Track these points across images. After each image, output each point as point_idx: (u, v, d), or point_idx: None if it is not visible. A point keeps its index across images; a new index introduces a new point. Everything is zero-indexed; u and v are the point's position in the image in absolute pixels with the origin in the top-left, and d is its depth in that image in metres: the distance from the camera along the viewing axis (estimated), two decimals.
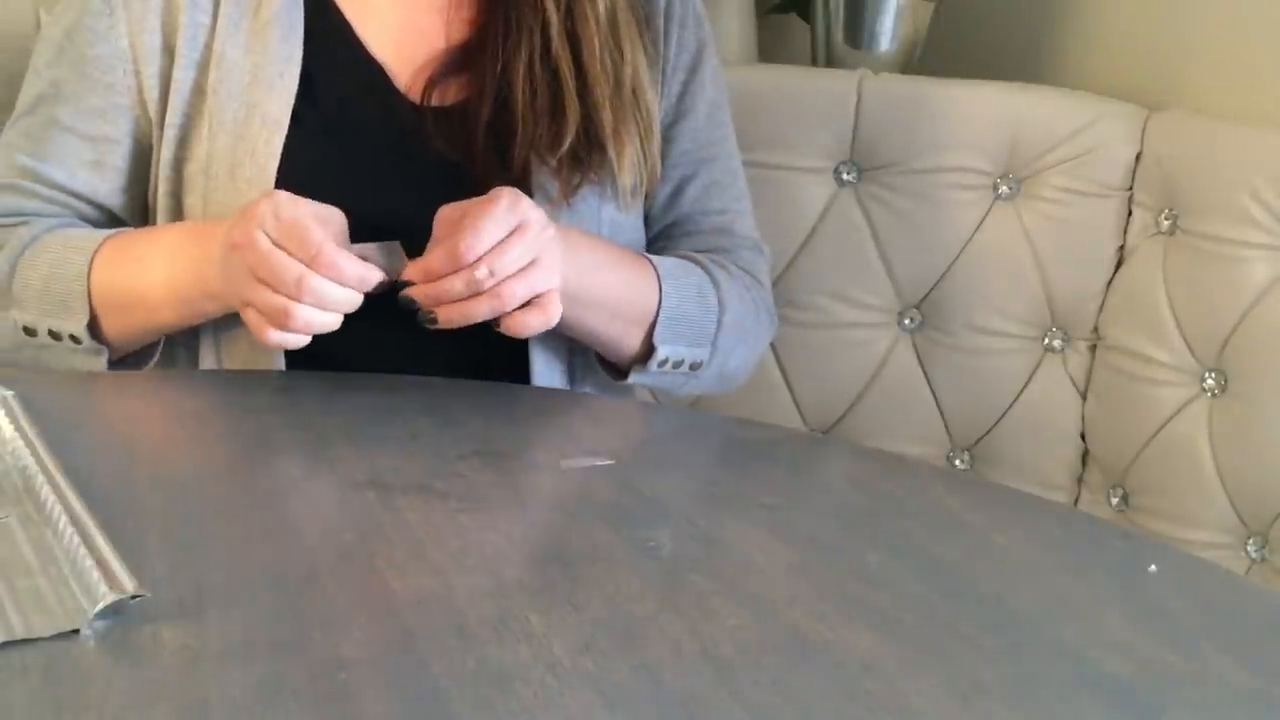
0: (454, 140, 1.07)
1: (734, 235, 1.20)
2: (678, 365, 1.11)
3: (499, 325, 0.97)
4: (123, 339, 1.05)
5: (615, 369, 1.12)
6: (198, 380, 1.01)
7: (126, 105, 1.07)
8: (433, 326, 0.96)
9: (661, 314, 1.08)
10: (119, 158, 1.08)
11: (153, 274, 1.02)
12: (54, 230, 1.06)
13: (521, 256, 0.94)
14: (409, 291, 0.95)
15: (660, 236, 1.19)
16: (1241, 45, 1.42)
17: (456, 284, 0.94)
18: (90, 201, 1.09)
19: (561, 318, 0.99)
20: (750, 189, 1.25)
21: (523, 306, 0.96)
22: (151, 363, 1.07)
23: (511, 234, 0.94)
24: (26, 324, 1.04)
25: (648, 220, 1.18)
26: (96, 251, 1.03)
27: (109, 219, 1.11)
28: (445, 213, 0.97)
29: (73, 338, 1.03)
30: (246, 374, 1.01)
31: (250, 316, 0.95)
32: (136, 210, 1.11)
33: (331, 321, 0.93)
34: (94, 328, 1.03)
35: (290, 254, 0.91)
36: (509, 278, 0.94)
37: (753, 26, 1.79)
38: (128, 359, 1.07)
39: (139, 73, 1.06)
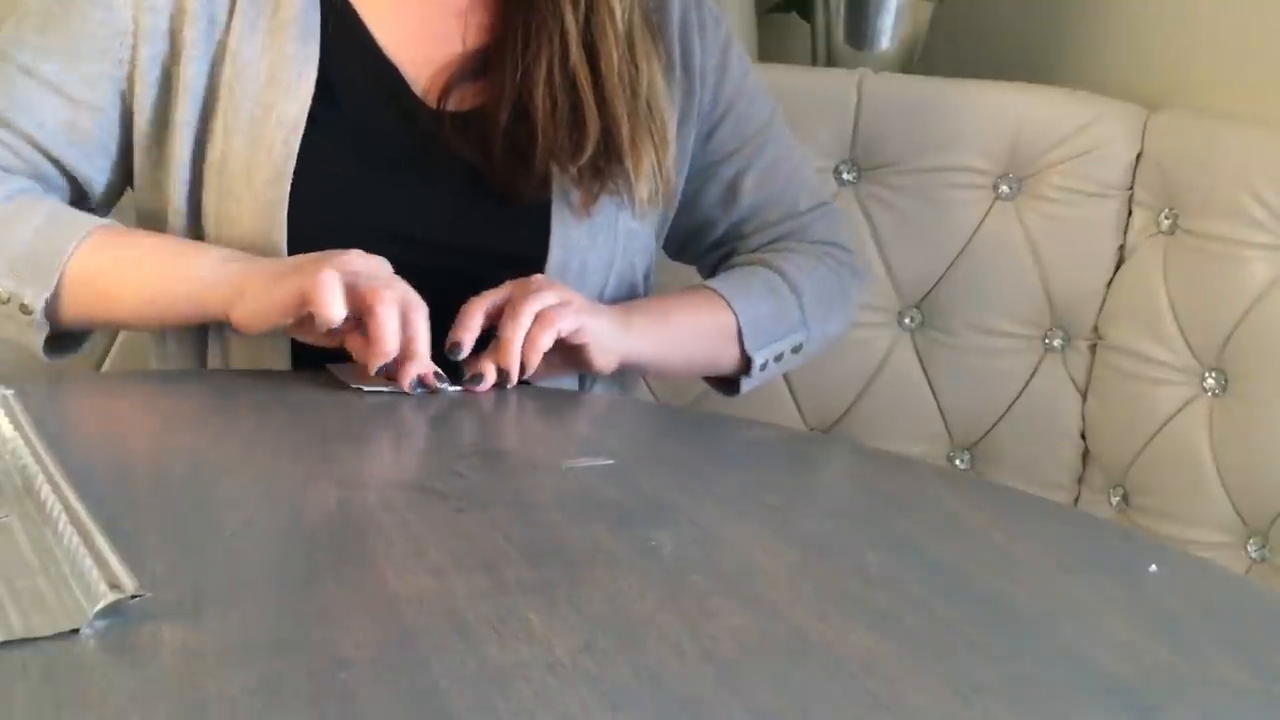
0: (472, 145, 1.07)
1: (799, 216, 1.23)
2: (779, 358, 1.16)
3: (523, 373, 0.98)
4: (74, 320, 1.02)
5: (726, 382, 1.18)
6: (198, 380, 1.01)
7: (118, 77, 1.04)
8: (479, 387, 0.97)
9: (741, 323, 1.13)
10: (97, 127, 1.05)
11: (150, 259, 1.01)
12: (37, 196, 1.03)
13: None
14: (471, 366, 0.98)
15: (728, 238, 1.23)
16: (1241, 45, 1.42)
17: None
18: (56, 162, 1.05)
19: (655, 369, 1.05)
20: None
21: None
22: (84, 347, 1.07)
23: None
24: None
25: (707, 226, 1.21)
26: (92, 230, 1.00)
27: (72, 188, 1.07)
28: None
29: (23, 307, 0.99)
30: (246, 373, 1.01)
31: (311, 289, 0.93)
32: (106, 189, 1.08)
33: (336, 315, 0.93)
34: (50, 303, 0.99)
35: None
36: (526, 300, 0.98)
37: (753, 26, 1.78)
38: (65, 341, 1.04)
39: (135, 48, 1.03)
